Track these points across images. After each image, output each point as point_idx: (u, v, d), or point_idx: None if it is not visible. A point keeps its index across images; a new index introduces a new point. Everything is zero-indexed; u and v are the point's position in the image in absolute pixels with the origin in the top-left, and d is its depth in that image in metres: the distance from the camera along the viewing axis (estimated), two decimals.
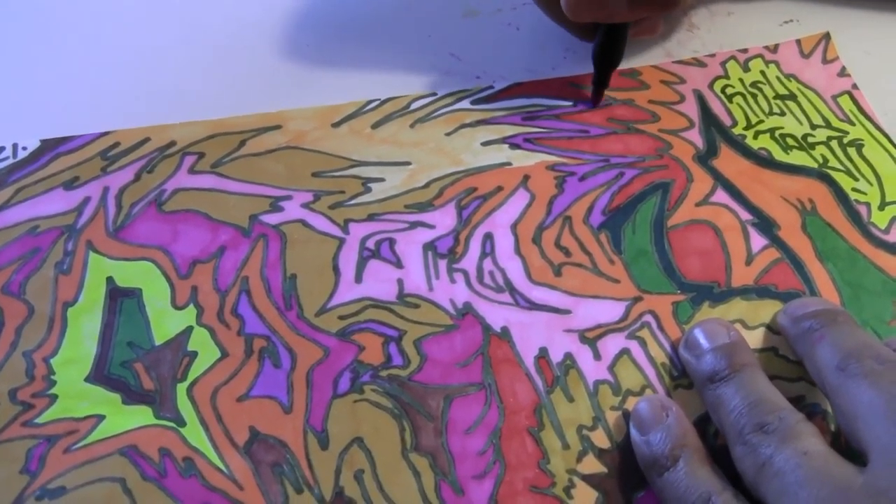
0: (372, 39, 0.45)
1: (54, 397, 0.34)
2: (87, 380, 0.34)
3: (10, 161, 0.40)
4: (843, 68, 0.43)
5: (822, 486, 0.27)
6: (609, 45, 0.40)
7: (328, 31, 0.45)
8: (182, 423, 0.33)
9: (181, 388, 0.34)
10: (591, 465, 0.33)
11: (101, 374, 0.35)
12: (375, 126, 0.41)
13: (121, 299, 0.36)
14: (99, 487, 0.32)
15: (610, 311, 0.36)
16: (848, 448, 0.30)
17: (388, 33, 0.45)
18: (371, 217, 0.39)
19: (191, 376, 0.35)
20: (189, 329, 0.36)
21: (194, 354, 0.35)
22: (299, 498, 0.32)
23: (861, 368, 0.30)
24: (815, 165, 0.40)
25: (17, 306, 0.36)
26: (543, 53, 0.44)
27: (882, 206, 0.39)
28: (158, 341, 0.35)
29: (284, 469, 0.33)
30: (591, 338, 0.36)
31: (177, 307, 0.36)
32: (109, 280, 0.37)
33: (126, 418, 0.34)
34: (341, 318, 0.36)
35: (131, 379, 0.34)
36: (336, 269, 0.37)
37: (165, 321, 0.36)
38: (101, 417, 0.34)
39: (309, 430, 0.33)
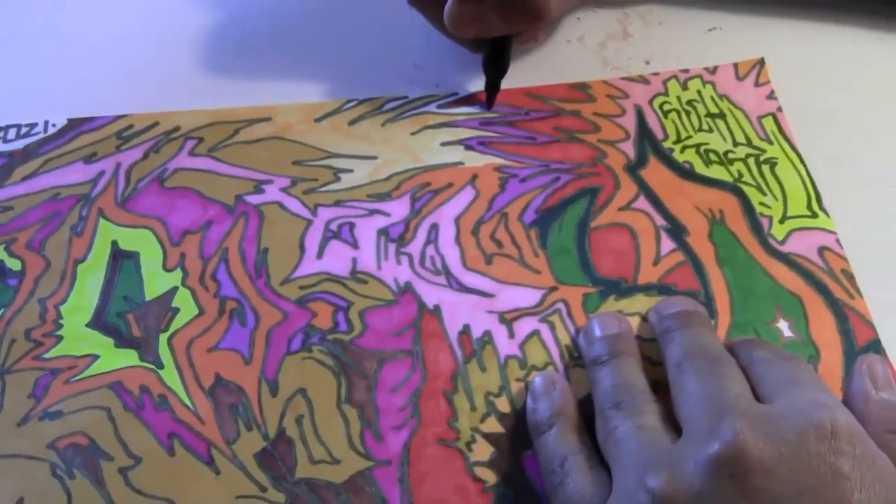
0: (351, 46, 0.51)
1: (60, 338, 0.41)
2: (87, 325, 0.42)
3: (42, 136, 0.47)
4: (773, 92, 0.48)
5: (642, 452, 0.34)
6: (495, 55, 0.47)
7: (318, 30, 0.51)
8: (161, 366, 0.41)
9: (163, 337, 0.42)
10: (492, 425, 0.39)
11: (100, 322, 0.42)
12: (351, 123, 0.48)
13: (122, 260, 0.44)
14: (89, 413, 0.40)
15: (528, 297, 0.43)
16: None
17: (359, 42, 0.51)
18: (337, 203, 0.45)
19: (172, 328, 0.42)
20: (174, 289, 0.43)
21: (177, 310, 0.42)
22: (249, 434, 0.39)
23: (692, 366, 0.36)
24: (731, 180, 0.46)
25: (36, 260, 0.43)
26: None
27: (783, 220, 0.44)
28: (148, 297, 0.43)
29: (239, 410, 0.40)
30: (508, 319, 0.42)
31: (166, 270, 0.43)
32: (114, 243, 0.44)
33: (116, 359, 0.41)
34: (301, 287, 0.43)
35: (123, 327, 0.42)
36: (302, 247, 0.44)
37: (156, 281, 0.43)
38: (95, 357, 0.41)
39: (263, 380, 0.40)
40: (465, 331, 0.41)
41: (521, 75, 0.50)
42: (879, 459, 0.31)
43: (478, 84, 0.49)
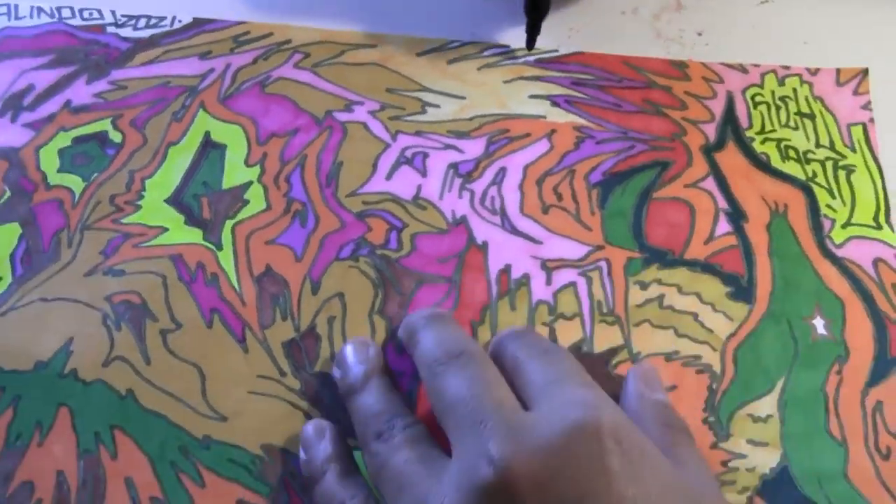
0: None
1: (139, 207, 0.45)
2: (165, 200, 0.45)
3: (167, 28, 0.51)
4: (869, 103, 0.47)
5: (414, 489, 0.34)
6: None
7: None
8: (220, 248, 0.44)
9: (229, 223, 0.44)
10: None
11: (177, 199, 0.45)
12: (450, 62, 0.50)
13: (210, 149, 0.47)
14: (147, 277, 0.43)
15: (574, 250, 0.44)
16: None
17: None
18: (418, 133, 0.47)
19: (238, 217, 0.45)
20: (250, 183, 0.46)
21: (247, 202, 0.45)
22: (283, 323, 0.42)
23: (447, 369, 0.35)
24: (804, 178, 0.45)
25: (136, 136, 0.47)
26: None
27: (846, 225, 0.44)
28: (225, 186, 0.46)
29: (280, 300, 0.42)
30: (550, 266, 0.43)
31: (247, 165, 0.46)
32: (207, 133, 0.47)
33: (183, 234, 0.44)
34: (364, 202, 0.45)
35: (196, 208, 0.45)
36: (375, 166, 0.46)
37: (235, 173, 0.46)
38: (165, 229, 0.44)
39: (308, 278, 0.43)
40: (506, 270, 0.43)
41: (576, 45, 0.51)
42: (647, 447, 0.32)
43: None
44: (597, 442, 0.31)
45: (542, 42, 0.50)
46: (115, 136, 0.47)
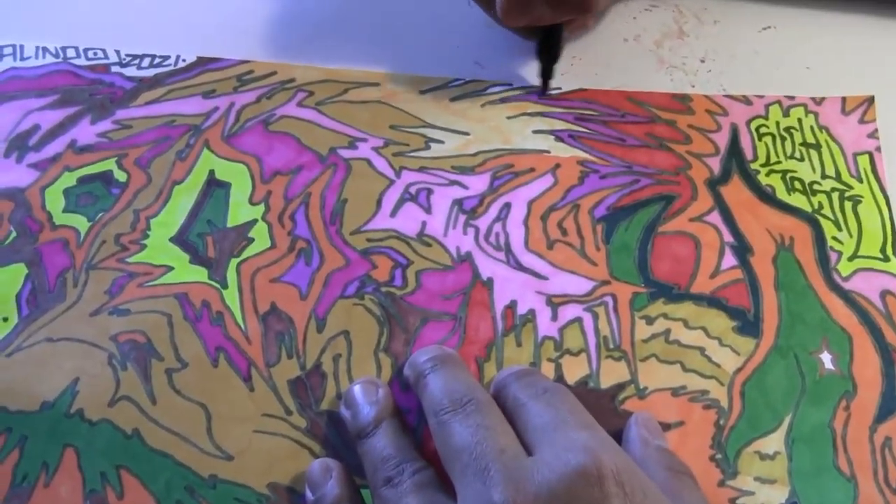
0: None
1: (144, 246, 0.45)
2: (170, 239, 0.45)
3: (171, 68, 0.51)
4: (875, 131, 0.47)
5: None
6: (547, 43, 0.48)
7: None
8: (225, 286, 0.44)
9: (234, 262, 0.45)
10: None
11: (182, 238, 0.45)
12: (453, 99, 0.50)
13: (214, 188, 0.47)
14: (152, 316, 0.43)
15: (580, 285, 0.44)
16: None
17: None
18: (422, 169, 0.47)
19: (243, 255, 0.45)
20: (254, 221, 0.46)
21: (251, 240, 0.45)
22: (288, 361, 0.42)
23: (453, 417, 0.36)
24: (809, 210, 0.45)
25: (140, 176, 0.47)
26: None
27: (852, 258, 0.44)
28: (230, 224, 0.46)
29: (285, 338, 0.42)
30: (555, 302, 0.43)
31: (252, 203, 0.46)
32: (211, 172, 0.47)
33: (188, 273, 0.44)
34: (368, 240, 0.45)
35: (201, 246, 0.45)
36: (379, 203, 0.46)
37: (240, 211, 0.46)
38: (170, 268, 0.44)
39: (313, 316, 0.43)
40: (511, 306, 0.43)
41: (579, 73, 0.51)
42: (650, 489, 0.32)
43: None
44: (598, 486, 0.31)
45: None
46: (120, 176, 0.47)
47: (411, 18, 0.53)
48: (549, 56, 0.49)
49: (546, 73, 0.49)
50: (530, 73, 0.50)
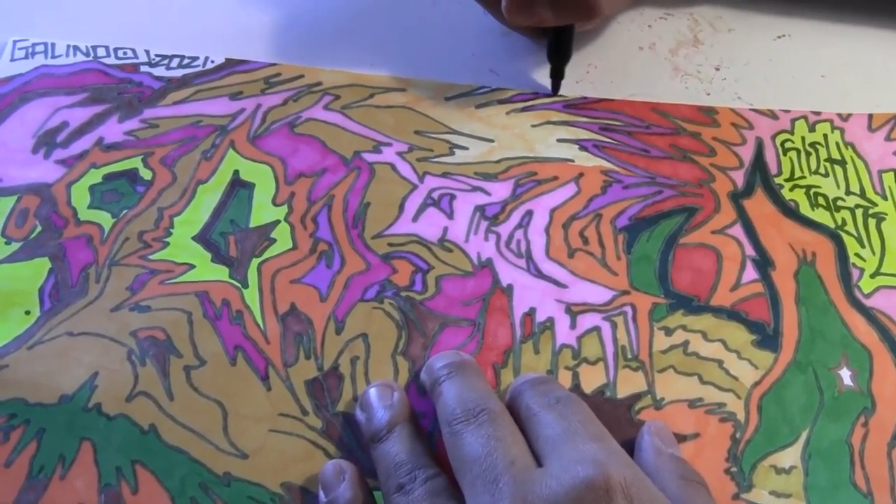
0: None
1: (167, 244, 0.45)
2: (193, 238, 0.46)
3: (200, 69, 0.52)
4: None
5: None
6: (557, 44, 0.49)
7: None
8: (246, 285, 0.44)
9: (255, 261, 0.45)
10: None
11: (204, 237, 0.46)
12: (478, 107, 0.50)
13: (238, 188, 0.47)
14: (172, 313, 0.43)
15: (599, 294, 0.43)
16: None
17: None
18: (445, 174, 0.47)
19: (265, 255, 0.45)
20: (277, 222, 0.46)
21: (273, 241, 0.45)
22: (306, 362, 0.42)
23: (466, 427, 0.36)
24: (833, 226, 0.45)
25: (165, 174, 0.48)
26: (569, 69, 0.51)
27: (874, 275, 0.43)
28: (252, 224, 0.46)
29: (304, 339, 0.42)
30: (574, 311, 0.43)
31: (275, 204, 0.47)
32: (235, 172, 0.48)
33: (209, 272, 0.45)
34: (390, 244, 0.45)
35: (223, 245, 0.45)
36: (401, 207, 0.46)
37: (263, 212, 0.46)
38: (192, 266, 0.45)
39: (332, 318, 0.43)
40: (530, 313, 0.43)
41: (595, 80, 0.51)
42: (660, 501, 0.32)
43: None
44: (606, 499, 0.31)
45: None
46: (146, 174, 0.47)
47: (427, 28, 0.54)
48: (559, 56, 0.49)
49: (556, 73, 0.49)
50: (545, 82, 0.51)
